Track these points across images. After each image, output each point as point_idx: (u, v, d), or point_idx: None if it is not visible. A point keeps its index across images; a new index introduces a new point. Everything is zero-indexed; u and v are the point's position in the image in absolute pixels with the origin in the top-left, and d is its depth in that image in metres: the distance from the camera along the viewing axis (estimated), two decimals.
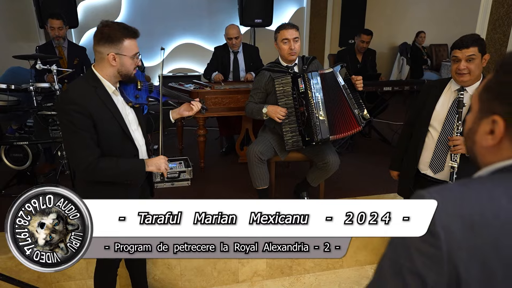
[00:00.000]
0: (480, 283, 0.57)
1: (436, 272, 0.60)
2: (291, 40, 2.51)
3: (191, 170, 3.33)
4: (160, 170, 1.74)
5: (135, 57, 1.66)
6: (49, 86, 2.93)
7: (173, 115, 2.00)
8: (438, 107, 2.09)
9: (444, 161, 2.07)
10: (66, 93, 1.61)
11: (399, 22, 6.90)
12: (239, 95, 3.34)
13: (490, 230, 0.59)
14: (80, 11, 5.58)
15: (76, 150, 1.58)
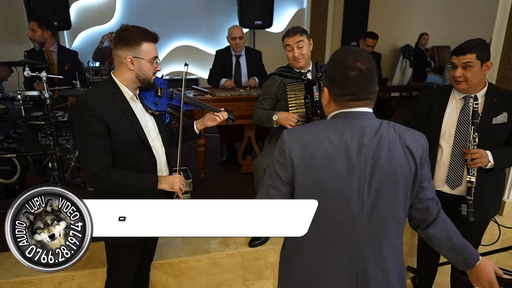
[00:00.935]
0: (304, 170, 1.11)
1: (285, 171, 1.13)
2: (294, 47, 2.33)
3: (191, 183, 3.13)
4: (174, 189, 1.68)
5: (154, 61, 1.62)
6: (38, 95, 2.72)
7: (197, 125, 1.94)
8: (446, 118, 1.94)
9: (462, 175, 1.93)
10: (83, 97, 1.56)
11: (401, 23, 6.74)
12: (241, 103, 3.15)
13: (310, 147, 1.11)
14: (72, 13, 5.37)
15: (86, 157, 1.55)
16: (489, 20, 6.66)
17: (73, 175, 3.34)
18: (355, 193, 1.10)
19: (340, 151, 1.10)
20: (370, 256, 1.16)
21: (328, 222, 1.13)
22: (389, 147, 1.10)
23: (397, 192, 1.13)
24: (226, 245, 2.45)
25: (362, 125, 1.11)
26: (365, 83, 1.11)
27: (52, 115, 2.68)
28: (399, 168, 1.11)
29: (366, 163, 1.09)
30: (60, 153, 2.82)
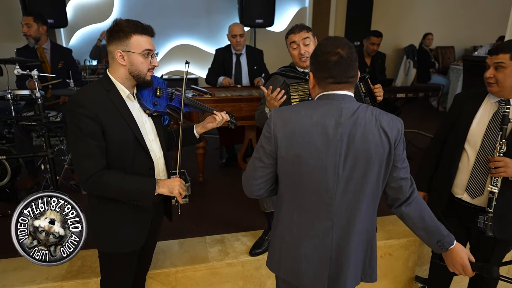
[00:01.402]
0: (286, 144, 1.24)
1: (269, 144, 1.26)
2: (300, 44, 2.20)
3: (189, 186, 3.01)
4: (173, 194, 1.57)
5: (148, 55, 1.51)
6: (30, 94, 2.59)
7: (197, 129, 1.84)
8: (476, 121, 1.81)
9: (484, 184, 1.79)
10: (76, 95, 1.47)
11: (405, 23, 6.62)
12: (242, 103, 3.03)
13: (292, 124, 1.23)
14: (69, 10, 5.24)
15: (79, 159, 1.45)
16: (495, 20, 6.60)
17: (66, 178, 3.22)
18: (331, 166, 1.23)
19: (318, 128, 1.22)
20: (344, 227, 1.29)
21: (307, 192, 1.27)
22: (365, 127, 1.21)
23: (371, 169, 1.24)
24: (225, 254, 2.33)
25: (341, 106, 1.23)
26: (344, 67, 1.22)
27: (43, 115, 2.56)
28: (373, 146, 1.22)
29: (341, 140, 1.21)
30: (53, 155, 2.69)
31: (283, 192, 1.32)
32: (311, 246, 1.31)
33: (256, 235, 2.50)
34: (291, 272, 1.36)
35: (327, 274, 1.32)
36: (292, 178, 1.27)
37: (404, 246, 2.53)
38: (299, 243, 1.32)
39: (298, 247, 1.32)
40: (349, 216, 1.28)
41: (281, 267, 1.39)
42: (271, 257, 1.44)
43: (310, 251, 1.31)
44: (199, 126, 1.83)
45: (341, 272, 1.32)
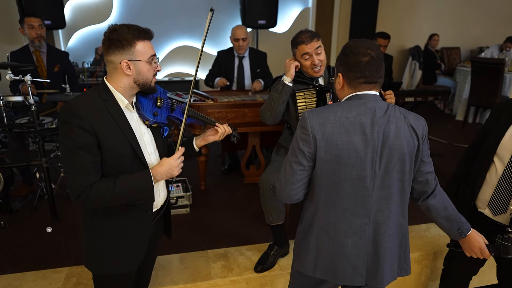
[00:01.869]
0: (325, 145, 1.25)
1: (308, 146, 1.27)
2: (313, 54, 2.08)
3: (190, 195, 2.89)
4: (174, 175, 1.48)
5: (152, 61, 1.42)
6: (23, 100, 2.46)
7: (197, 141, 1.71)
8: (508, 135, 1.67)
9: (508, 202, 1.66)
10: (70, 104, 1.34)
11: (410, 24, 6.49)
12: (246, 109, 2.90)
13: (330, 125, 1.26)
14: (67, 11, 5.13)
15: (72, 174, 1.32)
16: (501, 20, 6.47)
17: (63, 186, 3.09)
18: (369, 164, 1.27)
19: (356, 127, 1.25)
20: (380, 223, 1.33)
21: (345, 191, 1.30)
22: (396, 125, 1.27)
23: (404, 163, 1.30)
24: (229, 270, 2.20)
25: (374, 105, 1.28)
26: (375, 67, 1.28)
27: (38, 122, 2.44)
28: (405, 143, 1.28)
29: (378, 137, 1.26)
30: (47, 164, 2.58)
31: (319, 193, 1.34)
32: (349, 243, 1.35)
33: (261, 249, 2.38)
34: (329, 271, 1.39)
35: (365, 268, 1.37)
36: (330, 178, 1.30)
37: (417, 261, 2.40)
38: (337, 242, 1.35)
39: (336, 246, 1.36)
40: (384, 211, 1.33)
41: (318, 267, 1.40)
42: (305, 258, 1.43)
43: (349, 248, 1.35)
44: (199, 139, 1.70)
45: (378, 266, 1.36)
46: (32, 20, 3.03)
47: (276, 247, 2.28)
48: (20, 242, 2.47)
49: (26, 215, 2.80)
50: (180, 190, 2.94)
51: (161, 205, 1.62)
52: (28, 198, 2.97)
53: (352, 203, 1.31)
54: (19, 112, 2.98)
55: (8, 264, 2.25)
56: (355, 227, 1.33)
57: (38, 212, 2.83)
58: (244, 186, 3.30)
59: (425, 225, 2.68)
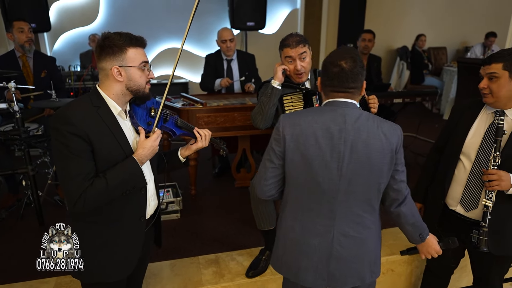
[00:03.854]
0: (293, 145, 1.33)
1: (279, 146, 1.36)
2: (296, 59, 2.08)
3: (180, 201, 2.86)
4: (156, 150, 1.48)
5: (145, 67, 1.42)
6: (6, 107, 2.41)
7: (182, 151, 1.69)
8: (471, 133, 1.74)
9: (479, 197, 1.72)
10: (62, 111, 1.33)
11: (398, 24, 6.55)
12: (235, 113, 2.89)
13: (299, 127, 1.33)
14: (52, 13, 5.05)
15: (68, 181, 1.31)
16: (486, 21, 6.57)
17: (50, 193, 3.04)
18: (334, 168, 1.31)
19: (324, 132, 1.31)
20: (345, 226, 1.37)
21: (311, 192, 1.35)
22: (368, 133, 1.30)
23: (372, 171, 1.33)
24: (220, 276, 2.19)
25: (344, 112, 1.32)
26: (344, 79, 1.32)
27: (23, 130, 2.39)
28: (375, 151, 1.31)
29: (345, 143, 1.30)
30: (33, 172, 2.53)
31: (289, 191, 1.41)
32: (313, 243, 1.39)
33: (252, 254, 2.37)
34: (291, 269, 1.44)
35: (327, 270, 1.40)
36: (298, 178, 1.36)
37: (406, 262, 2.42)
38: (302, 240, 1.40)
39: (301, 245, 1.40)
40: (349, 215, 1.37)
41: (283, 265, 1.47)
42: (275, 255, 1.52)
43: (312, 248, 1.39)
44: (183, 149, 1.69)
45: (342, 269, 1.39)
46: (22, 24, 2.97)
47: (268, 251, 2.28)
48: (7, 252, 2.41)
49: (12, 224, 2.75)
50: (170, 195, 2.92)
51: (151, 214, 1.61)
52: (14, 207, 2.91)
53: (317, 204, 1.36)
54: (4, 118, 2.91)
55: None
56: (319, 228, 1.38)
57: (24, 221, 2.78)
58: (235, 190, 3.29)
59: None
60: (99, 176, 1.34)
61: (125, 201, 1.45)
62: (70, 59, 5.20)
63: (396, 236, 2.58)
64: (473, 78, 5.21)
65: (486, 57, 1.66)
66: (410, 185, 1.49)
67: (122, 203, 1.44)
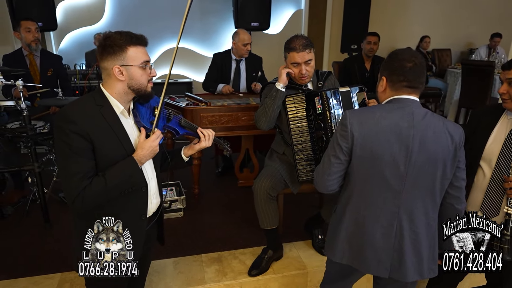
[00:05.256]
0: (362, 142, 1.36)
1: (346, 142, 1.39)
2: (302, 64, 2.10)
3: (184, 199, 2.89)
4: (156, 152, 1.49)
5: (146, 66, 1.43)
6: (14, 105, 2.45)
7: (185, 151, 1.71)
8: (492, 138, 1.73)
9: (500, 204, 1.70)
10: (65, 110, 1.35)
11: (402, 26, 6.55)
12: (239, 113, 2.91)
13: (368, 124, 1.36)
14: (59, 13, 5.08)
15: (67, 178, 1.33)
16: (489, 21, 6.56)
17: (55, 190, 3.08)
18: (402, 164, 1.35)
19: (393, 127, 1.35)
20: (408, 220, 1.41)
21: (376, 186, 1.39)
22: (434, 130, 1.34)
23: (437, 167, 1.36)
24: (223, 275, 2.21)
25: (412, 110, 1.36)
26: (418, 73, 1.37)
27: (30, 127, 2.42)
28: (441, 148, 1.35)
29: (413, 140, 1.33)
30: (39, 169, 2.56)
31: (353, 186, 1.45)
32: (377, 235, 1.43)
33: (255, 253, 2.39)
34: (355, 259, 1.48)
35: (390, 262, 1.44)
36: (364, 173, 1.39)
37: None
38: (366, 232, 1.44)
39: (364, 236, 1.44)
40: (413, 210, 1.40)
41: (345, 255, 1.50)
42: (334, 247, 1.53)
43: (376, 240, 1.43)
44: (186, 148, 1.71)
45: (403, 261, 1.42)
46: (29, 23, 3.02)
47: (270, 251, 2.30)
48: (12, 248, 2.45)
49: (18, 220, 2.78)
50: (173, 193, 2.95)
51: (153, 212, 1.63)
52: (20, 203, 2.95)
53: (382, 198, 1.40)
54: (11, 116, 2.95)
55: (1, 269, 2.23)
56: (383, 221, 1.41)
57: (30, 217, 2.82)
58: (237, 189, 3.31)
59: None
60: (98, 175, 1.36)
61: (126, 199, 1.47)
62: (76, 57, 5.24)
63: None
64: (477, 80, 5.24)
65: (505, 63, 1.66)
66: None
67: (123, 201, 1.46)
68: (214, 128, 2.90)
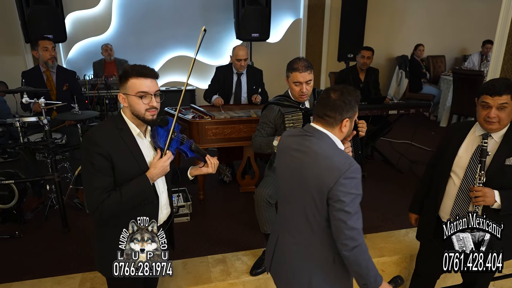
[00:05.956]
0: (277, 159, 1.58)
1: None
2: (303, 84, 2.33)
3: (190, 205, 3.13)
4: (167, 171, 1.69)
5: (143, 96, 1.58)
6: (36, 120, 2.69)
7: (191, 171, 1.91)
8: (461, 152, 1.94)
9: (467, 211, 1.92)
10: (90, 134, 1.60)
11: (397, 33, 6.78)
12: (241, 125, 3.15)
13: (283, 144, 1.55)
14: (68, 24, 5.31)
15: (89, 192, 1.55)
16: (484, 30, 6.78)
17: (70, 196, 3.31)
18: (288, 185, 1.53)
19: (288, 150, 1.53)
20: (283, 236, 1.61)
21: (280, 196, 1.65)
22: (315, 159, 1.42)
23: (311, 199, 1.43)
24: (227, 274, 2.45)
25: (309, 138, 1.49)
26: (325, 105, 1.48)
27: (51, 140, 2.66)
28: (317, 180, 1.40)
29: (295, 165, 1.48)
30: (59, 178, 2.80)
31: None
32: (270, 238, 1.74)
33: (256, 254, 2.63)
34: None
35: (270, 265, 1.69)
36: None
37: (396, 263, 2.67)
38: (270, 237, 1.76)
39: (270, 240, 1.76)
40: (288, 228, 1.58)
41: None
42: None
43: (269, 242, 1.74)
44: (193, 169, 1.92)
45: (281, 263, 1.62)
46: (46, 43, 3.26)
47: None
48: (35, 251, 2.69)
49: (37, 225, 3.02)
50: (181, 199, 3.19)
51: (164, 221, 1.84)
52: (39, 209, 3.19)
53: (279, 207, 1.65)
54: (29, 129, 3.19)
55: (25, 271, 2.47)
56: (273, 232, 1.73)
57: (49, 222, 3.05)
58: (240, 195, 3.55)
59: (404, 230, 2.96)
60: (115, 190, 1.56)
61: (139, 210, 1.65)
62: (83, 67, 5.48)
63: (386, 239, 2.83)
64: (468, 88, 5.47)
65: (492, 87, 1.76)
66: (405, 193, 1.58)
67: (137, 211, 1.64)
68: (218, 139, 3.16)
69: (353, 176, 1.38)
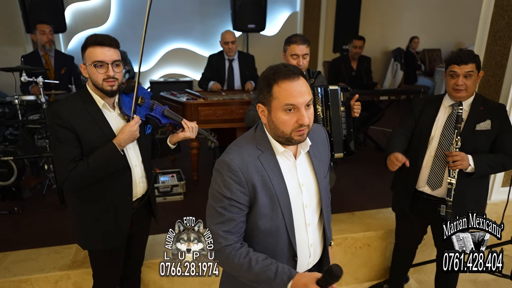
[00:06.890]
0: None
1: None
2: (300, 56, 2.41)
3: (184, 184, 3.22)
4: (136, 136, 1.65)
5: (100, 65, 1.54)
6: (35, 99, 2.79)
7: (170, 139, 1.87)
8: (435, 124, 2.04)
9: (442, 177, 2.02)
10: (54, 107, 1.59)
11: (392, 26, 6.86)
12: (233, 107, 3.25)
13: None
14: (68, 15, 5.41)
15: (57, 163, 1.59)
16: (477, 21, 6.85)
17: None
18: None
19: None
20: None
21: None
22: None
23: None
24: None
25: None
26: None
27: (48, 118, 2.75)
28: None
29: None
30: None
31: None
32: None
33: None
34: None
35: None
36: None
37: (381, 237, 2.75)
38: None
39: None
40: None
41: None
42: None
43: None
44: (172, 136, 1.87)
45: None
46: (44, 26, 3.36)
47: None
48: (33, 224, 2.79)
49: (36, 202, 3.13)
50: (174, 179, 3.28)
51: (142, 195, 1.83)
52: (37, 188, 3.29)
53: None
54: (28, 111, 3.29)
55: (24, 241, 2.57)
56: None
57: (47, 200, 3.16)
58: None
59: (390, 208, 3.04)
60: (83, 159, 1.57)
61: (112, 182, 1.67)
62: None
63: (374, 216, 2.91)
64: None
65: (458, 58, 1.87)
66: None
67: (109, 183, 1.66)
68: (210, 120, 3.25)
69: (216, 167, 1.24)
